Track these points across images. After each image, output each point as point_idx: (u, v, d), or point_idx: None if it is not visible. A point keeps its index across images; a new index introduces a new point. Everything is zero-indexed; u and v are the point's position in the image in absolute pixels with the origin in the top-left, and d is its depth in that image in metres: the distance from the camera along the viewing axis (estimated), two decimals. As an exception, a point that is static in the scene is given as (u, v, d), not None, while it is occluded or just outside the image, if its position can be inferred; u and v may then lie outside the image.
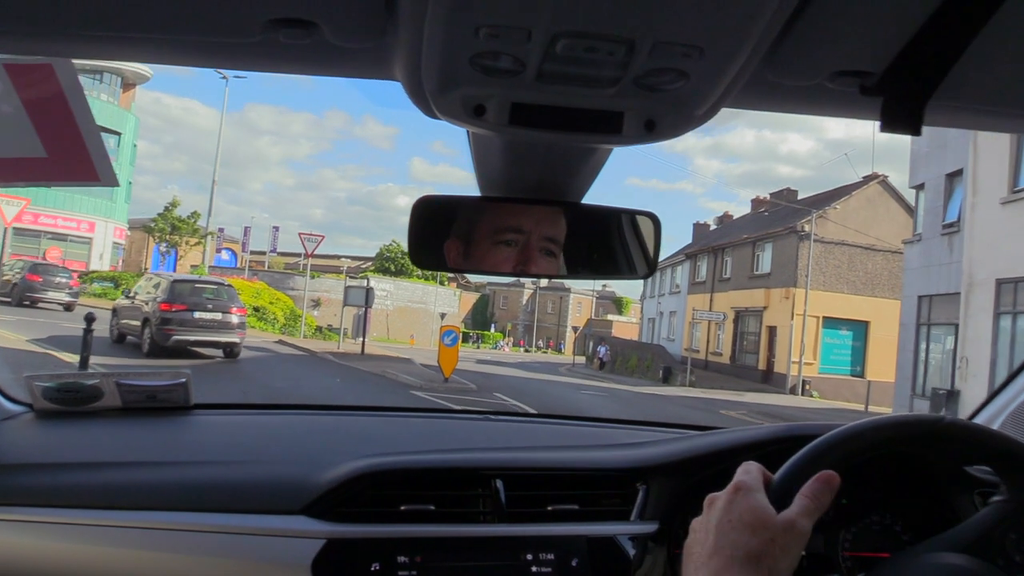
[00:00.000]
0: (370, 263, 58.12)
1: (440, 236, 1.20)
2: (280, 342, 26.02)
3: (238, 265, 46.04)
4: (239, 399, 9.57)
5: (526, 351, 61.87)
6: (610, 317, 63.34)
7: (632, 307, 68.07)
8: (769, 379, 31.82)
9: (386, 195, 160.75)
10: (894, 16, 0.69)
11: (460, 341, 18.60)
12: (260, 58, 0.84)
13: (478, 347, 55.66)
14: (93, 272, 34.69)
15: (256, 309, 31.62)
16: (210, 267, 38.94)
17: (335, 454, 1.49)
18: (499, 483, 1.39)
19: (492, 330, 67.73)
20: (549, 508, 1.41)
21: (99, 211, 39.27)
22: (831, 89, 0.80)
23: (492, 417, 2.04)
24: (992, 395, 1.65)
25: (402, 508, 1.36)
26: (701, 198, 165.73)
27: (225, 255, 47.97)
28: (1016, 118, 0.93)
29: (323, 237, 30.04)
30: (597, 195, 1.20)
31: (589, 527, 1.40)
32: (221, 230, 46.93)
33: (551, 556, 1.34)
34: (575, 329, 57.39)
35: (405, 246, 1.26)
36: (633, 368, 36.83)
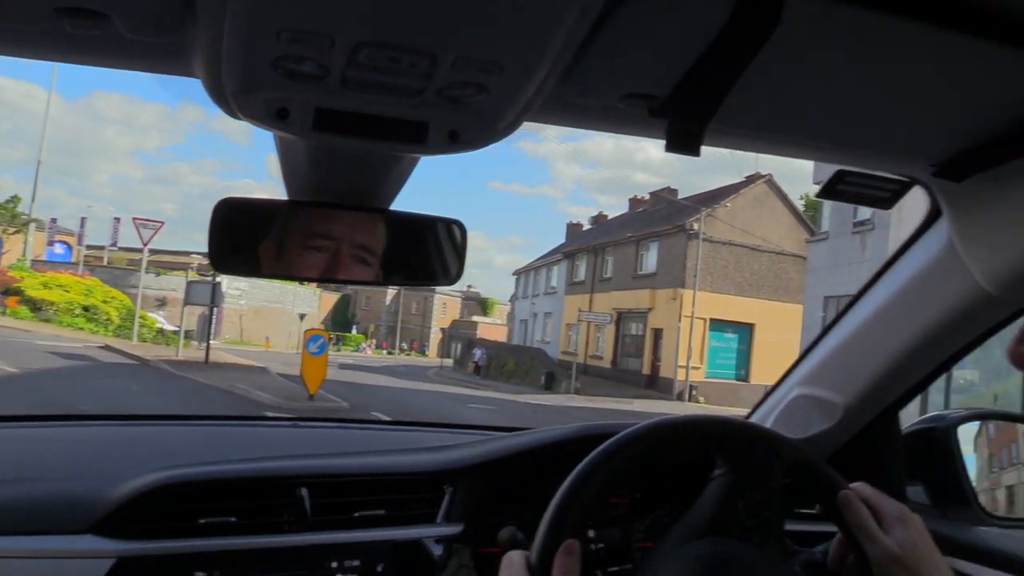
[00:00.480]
0: None
1: (243, 239, 1.17)
2: (106, 347, 23.16)
3: (72, 259, 41.34)
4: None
5: (389, 353, 60.70)
6: (475, 318, 62.78)
7: (497, 308, 68.04)
8: (655, 384, 30.60)
9: (244, 191, 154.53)
10: (676, 46, 0.75)
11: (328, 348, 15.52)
12: (47, 47, 0.80)
13: (339, 349, 52.94)
14: None
15: (85, 309, 29.92)
16: (36, 261, 34.88)
17: (131, 467, 1.41)
18: (303, 491, 1.37)
19: (354, 331, 65.42)
20: (355, 515, 1.40)
21: None
22: (622, 109, 0.87)
23: (300, 424, 2.03)
24: (766, 395, 1.74)
25: (201, 522, 1.31)
26: (561, 202, 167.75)
27: (58, 248, 43.51)
28: (787, 144, 1.02)
29: (162, 223, 26.60)
30: (455, 198, 0.94)
31: (395, 531, 1.40)
32: (54, 220, 42.61)
33: (356, 563, 1.35)
34: (442, 330, 56.30)
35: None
36: (511, 373, 34.97)
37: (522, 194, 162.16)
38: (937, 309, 1.32)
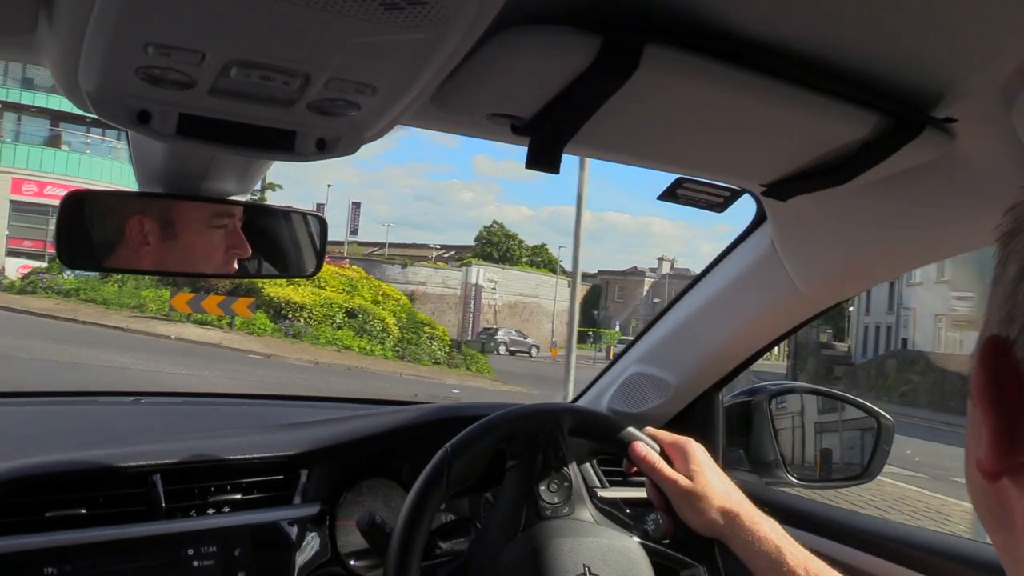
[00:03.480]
0: (464, 250, 47.22)
1: (92, 233, 1.13)
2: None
3: None
4: None
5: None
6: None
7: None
8: None
9: (450, 191, 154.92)
10: (541, 78, 0.80)
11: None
12: None
13: (599, 349, 42.74)
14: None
15: (350, 315, 20.85)
16: None
17: None
18: (157, 479, 1.33)
19: (614, 327, 52.41)
20: (210, 500, 1.38)
21: (122, 179, 28.34)
22: (488, 125, 0.92)
23: (144, 400, 1.90)
24: (604, 370, 1.87)
25: (47, 515, 1.24)
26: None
27: None
28: (639, 160, 1.11)
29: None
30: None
31: (251, 515, 1.39)
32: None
33: (213, 548, 1.32)
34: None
35: (502, 234, 1.21)
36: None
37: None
38: (757, 303, 1.48)
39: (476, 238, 51.94)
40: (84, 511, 1.26)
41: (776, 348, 1.96)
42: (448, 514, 1.50)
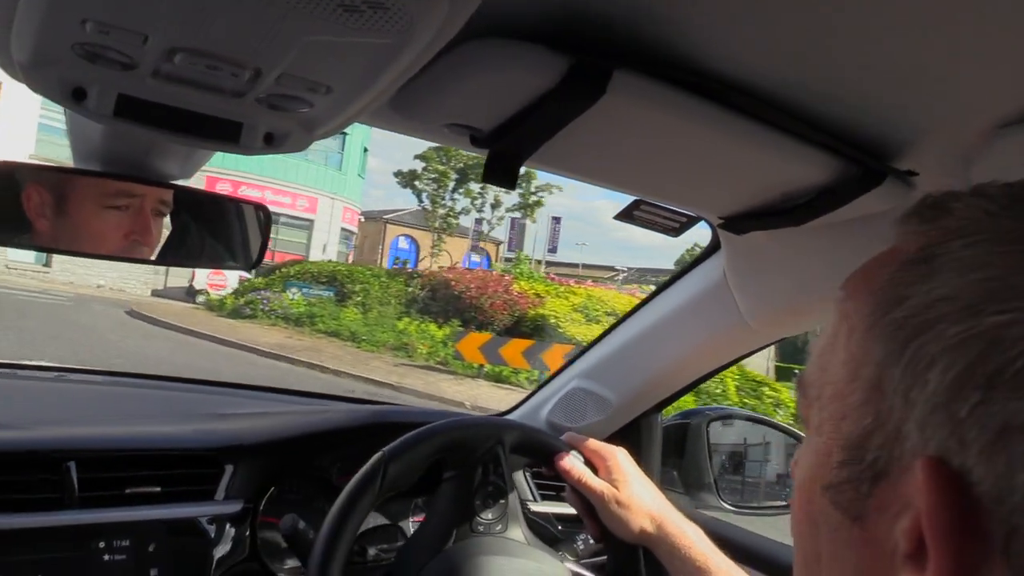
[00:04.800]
0: (656, 272, 46.55)
1: (18, 208, 1.04)
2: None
3: (490, 267, 32.34)
4: None
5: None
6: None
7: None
8: None
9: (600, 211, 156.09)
10: (503, 93, 0.78)
11: None
12: None
13: None
14: (298, 265, 22.10)
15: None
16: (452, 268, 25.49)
17: None
18: (71, 466, 1.25)
19: None
20: (127, 491, 1.31)
21: (324, 183, 28.59)
22: (446, 133, 0.89)
23: (67, 376, 1.80)
24: (545, 381, 1.86)
25: None
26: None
27: (476, 255, 35.18)
28: (598, 180, 1.09)
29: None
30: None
31: (170, 509, 1.33)
32: (479, 222, 33.80)
33: (126, 543, 1.26)
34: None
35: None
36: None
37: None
38: (704, 330, 1.47)
39: (676, 261, 50.70)
40: None
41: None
42: (378, 516, 1.48)
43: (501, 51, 0.74)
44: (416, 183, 27.99)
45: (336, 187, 29.49)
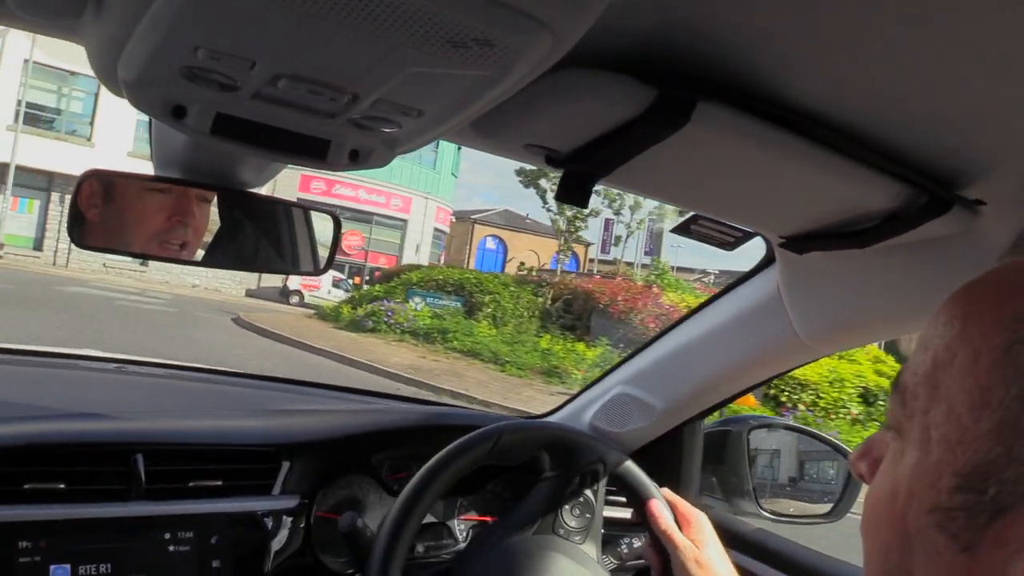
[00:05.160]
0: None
1: (110, 214, 1.10)
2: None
3: (579, 270, 32.69)
4: None
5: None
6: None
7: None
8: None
9: None
10: (586, 119, 0.80)
11: None
12: None
13: None
14: (410, 269, 20.84)
15: (867, 400, 12.55)
16: (543, 269, 25.53)
17: None
18: (139, 458, 1.30)
19: None
20: (191, 484, 1.35)
21: (417, 182, 28.31)
22: (523, 152, 0.92)
23: (127, 368, 1.84)
24: (573, 396, 1.91)
25: (25, 487, 1.21)
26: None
27: (563, 256, 33.26)
28: (665, 199, 1.19)
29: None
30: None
31: (231, 503, 1.37)
32: (570, 222, 30.30)
33: (190, 534, 1.31)
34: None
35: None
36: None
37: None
38: (755, 342, 1.49)
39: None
40: (63, 486, 1.24)
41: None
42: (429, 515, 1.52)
43: (589, 81, 0.76)
44: (541, 181, 26.57)
45: (430, 186, 29.18)
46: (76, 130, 24.65)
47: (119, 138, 22.67)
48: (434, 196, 29.23)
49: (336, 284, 25.76)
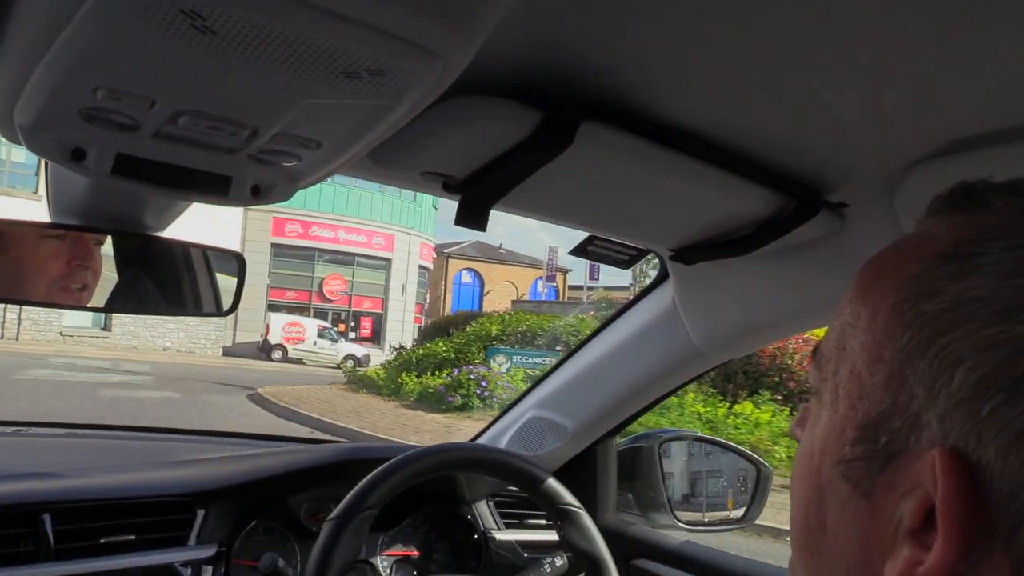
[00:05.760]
0: None
1: (7, 265, 1.08)
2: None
3: (557, 298, 30.56)
4: None
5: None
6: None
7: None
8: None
9: None
10: (477, 144, 0.84)
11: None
12: None
13: None
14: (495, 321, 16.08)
15: None
16: (518, 302, 23.46)
17: None
18: (46, 518, 1.26)
19: None
20: (102, 541, 1.32)
21: (399, 217, 26.63)
22: (420, 180, 0.95)
23: (24, 431, 1.81)
24: (488, 425, 1.93)
25: None
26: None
27: (541, 285, 32.41)
28: (559, 219, 1.15)
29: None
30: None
31: (145, 557, 1.34)
32: (553, 250, 30.29)
33: None
34: None
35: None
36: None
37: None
38: (656, 356, 1.55)
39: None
40: None
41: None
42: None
43: (477, 106, 0.79)
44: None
45: (411, 221, 27.63)
46: (19, 183, 21.95)
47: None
48: (416, 231, 28.04)
49: (321, 333, 24.47)
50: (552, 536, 1.61)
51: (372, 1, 0.54)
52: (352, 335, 26.19)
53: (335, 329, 25.62)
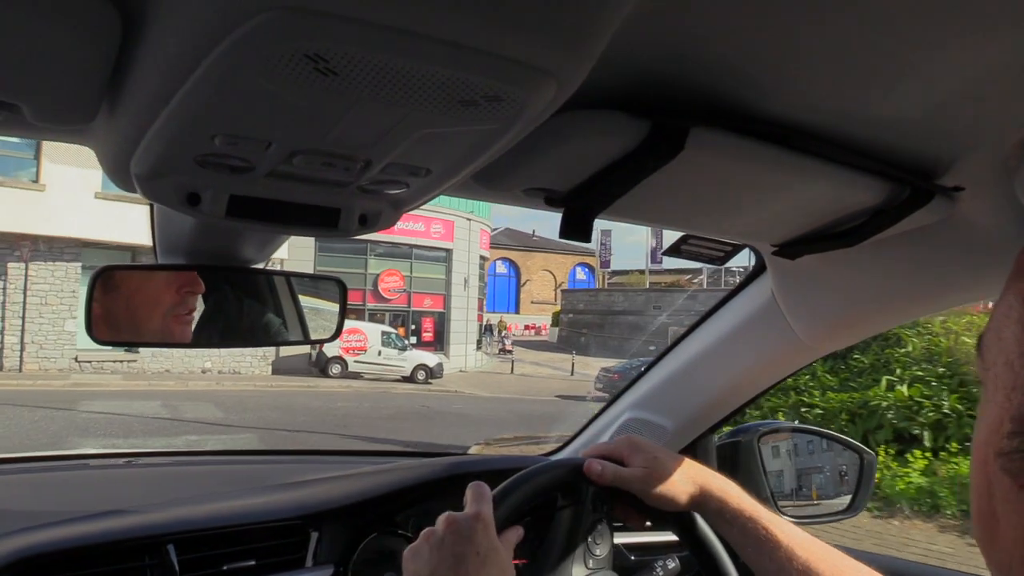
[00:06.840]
0: None
1: (122, 307, 1.11)
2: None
3: (596, 286, 29.49)
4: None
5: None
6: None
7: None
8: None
9: None
10: (585, 157, 0.83)
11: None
12: None
13: None
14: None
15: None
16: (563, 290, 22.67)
17: None
18: (171, 548, 1.30)
19: None
20: (225, 568, 1.35)
21: (456, 202, 22.21)
22: (523, 197, 0.95)
23: (136, 461, 1.83)
24: (596, 415, 1.90)
25: None
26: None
27: (581, 273, 32.27)
28: (662, 224, 1.18)
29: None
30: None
31: None
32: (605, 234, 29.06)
33: None
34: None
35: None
36: None
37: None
38: (756, 350, 1.52)
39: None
40: None
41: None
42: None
43: (584, 120, 0.78)
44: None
45: (470, 204, 23.89)
46: (13, 171, 17.32)
47: (81, 177, 16.70)
48: (476, 217, 24.58)
49: (384, 340, 20.79)
50: (658, 538, 1.62)
51: (490, 27, 0.53)
52: (413, 339, 23.31)
53: (395, 332, 22.12)
